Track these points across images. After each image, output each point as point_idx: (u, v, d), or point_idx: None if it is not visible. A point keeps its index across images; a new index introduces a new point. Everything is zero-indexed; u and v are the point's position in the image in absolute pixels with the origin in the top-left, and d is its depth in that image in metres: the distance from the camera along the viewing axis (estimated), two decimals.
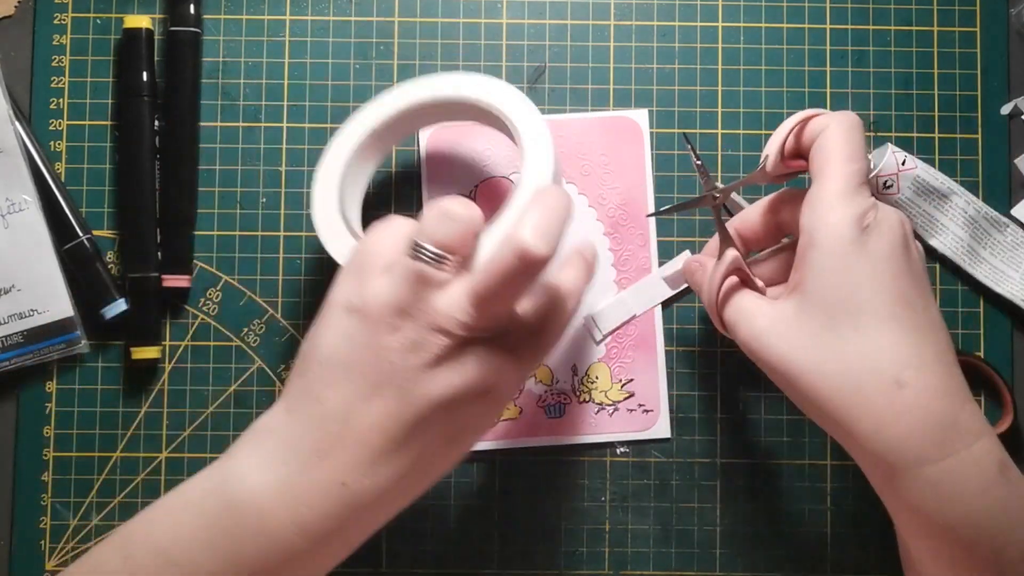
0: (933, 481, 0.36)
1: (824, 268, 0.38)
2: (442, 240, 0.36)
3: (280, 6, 0.51)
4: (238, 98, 0.51)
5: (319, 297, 0.51)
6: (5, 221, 0.48)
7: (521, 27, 0.51)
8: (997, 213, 0.50)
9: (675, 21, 0.52)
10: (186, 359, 0.50)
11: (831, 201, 0.38)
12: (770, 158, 0.41)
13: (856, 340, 0.37)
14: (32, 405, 0.49)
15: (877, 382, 0.36)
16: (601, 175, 0.50)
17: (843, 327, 0.37)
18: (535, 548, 0.50)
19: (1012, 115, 0.51)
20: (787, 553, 0.50)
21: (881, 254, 0.37)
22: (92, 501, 0.49)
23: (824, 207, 0.38)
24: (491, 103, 0.44)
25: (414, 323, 0.36)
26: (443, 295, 0.36)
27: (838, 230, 0.37)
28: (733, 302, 0.41)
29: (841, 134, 0.39)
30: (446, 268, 0.36)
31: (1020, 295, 0.50)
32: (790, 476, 0.50)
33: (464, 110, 0.46)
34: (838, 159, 0.38)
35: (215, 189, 0.50)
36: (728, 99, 0.51)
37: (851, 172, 0.38)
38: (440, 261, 0.36)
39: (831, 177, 0.38)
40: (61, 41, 0.51)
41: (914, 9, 0.52)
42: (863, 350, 0.37)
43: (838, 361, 0.37)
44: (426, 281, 0.36)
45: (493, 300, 0.36)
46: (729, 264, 0.42)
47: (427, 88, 0.46)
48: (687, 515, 0.50)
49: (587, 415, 0.50)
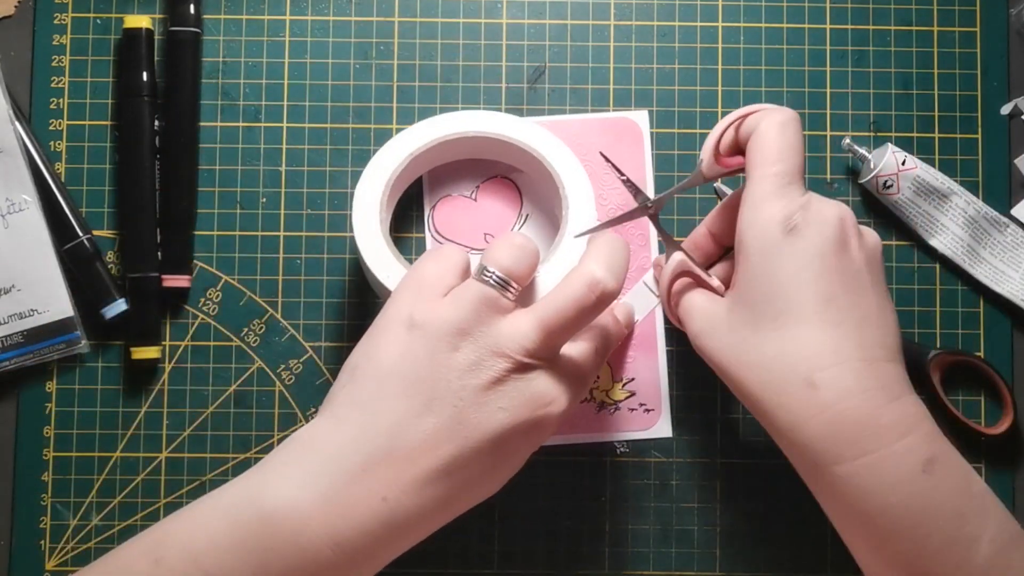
0: (849, 477, 0.36)
1: (750, 268, 0.39)
2: (509, 267, 0.38)
3: (280, 6, 0.51)
4: (238, 98, 0.51)
5: (319, 297, 0.51)
6: (5, 221, 0.48)
7: (521, 27, 0.51)
8: (997, 213, 0.50)
9: (675, 21, 0.52)
10: (186, 359, 0.50)
11: (757, 202, 0.39)
12: (704, 160, 0.42)
13: (775, 339, 0.38)
14: (32, 405, 0.49)
15: (792, 381, 0.37)
16: (601, 175, 0.50)
17: (765, 326, 0.38)
18: (535, 548, 0.50)
19: (1012, 115, 0.51)
20: (787, 553, 0.50)
21: (805, 254, 0.38)
22: (92, 501, 0.49)
23: (751, 209, 0.39)
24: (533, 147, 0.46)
25: (475, 344, 0.36)
26: (506, 320, 0.37)
27: (763, 231, 0.38)
28: (683, 301, 0.43)
29: (771, 133, 0.39)
30: (509, 295, 0.38)
31: (1020, 295, 0.50)
32: (790, 476, 0.50)
33: (499, 148, 0.47)
34: (766, 159, 0.39)
35: (215, 189, 0.50)
36: (728, 99, 0.51)
37: (778, 172, 0.39)
38: (506, 287, 0.38)
39: (760, 178, 0.39)
40: (61, 41, 0.51)
41: (914, 9, 0.52)
42: (781, 349, 0.37)
43: (759, 358, 0.38)
44: (491, 305, 0.37)
45: (559, 329, 0.37)
46: (676, 266, 0.43)
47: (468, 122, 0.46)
48: (687, 515, 0.50)
49: (588, 414, 0.50)
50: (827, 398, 0.37)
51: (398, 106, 0.51)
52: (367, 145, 0.51)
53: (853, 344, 0.37)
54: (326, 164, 0.51)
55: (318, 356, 0.50)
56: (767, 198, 0.39)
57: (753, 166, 0.40)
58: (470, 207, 0.51)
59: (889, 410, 0.37)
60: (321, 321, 0.50)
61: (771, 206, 0.38)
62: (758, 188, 0.39)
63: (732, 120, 0.42)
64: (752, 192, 0.39)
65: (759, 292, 0.38)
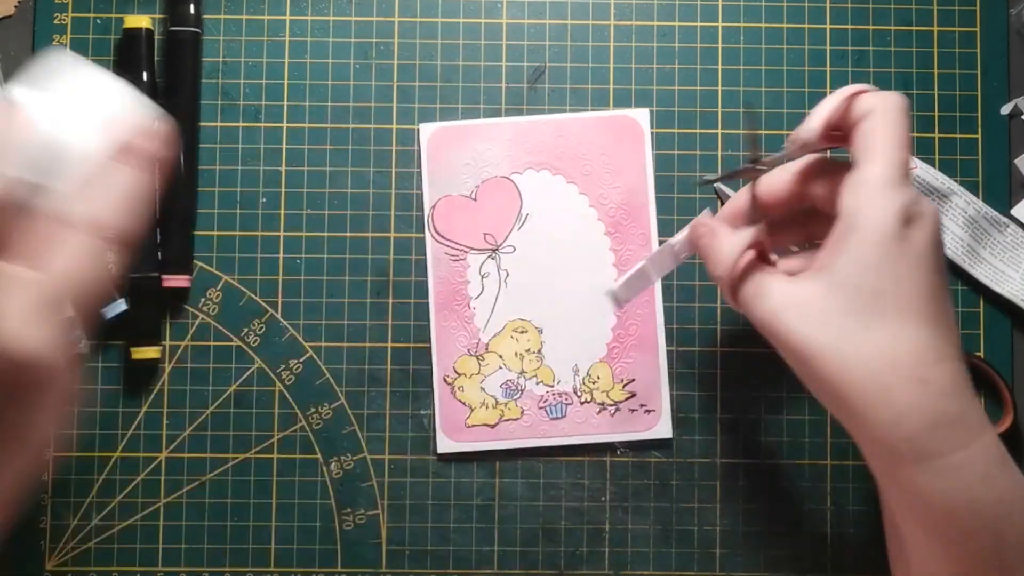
0: (941, 472, 0.36)
1: (862, 257, 0.37)
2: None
3: (280, 6, 0.51)
4: (238, 98, 0.51)
5: (319, 297, 0.51)
6: None
7: (521, 27, 0.51)
8: (997, 213, 0.50)
9: (675, 21, 0.52)
10: (186, 359, 0.50)
11: (878, 188, 0.37)
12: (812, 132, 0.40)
13: (882, 332, 0.37)
14: None
15: (899, 376, 0.36)
16: (602, 175, 0.50)
17: (871, 317, 0.37)
18: (535, 548, 0.50)
19: (1012, 115, 0.51)
20: (787, 553, 0.50)
21: (921, 249, 0.37)
22: (92, 501, 0.49)
23: (870, 194, 0.37)
24: None
25: None
26: None
27: (882, 220, 0.37)
28: (752, 276, 0.40)
29: (897, 116, 0.38)
30: None
31: (1020, 295, 0.50)
32: (790, 476, 0.50)
33: None
34: (886, 145, 0.37)
35: (215, 189, 0.50)
36: (728, 99, 0.51)
37: (899, 160, 0.37)
38: None
39: (878, 163, 0.37)
40: (61, 41, 0.51)
41: (914, 9, 0.52)
42: (888, 342, 0.37)
43: (861, 350, 0.37)
44: None
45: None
46: (754, 235, 0.40)
47: None
48: (687, 515, 0.50)
49: (589, 415, 0.50)
50: (934, 394, 0.36)
51: (398, 106, 0.51)
52: (367, 145, 0.51)
53: (948, 342, 0.37)
54: (326, 164, 0.51)
55: (318, 356, 0.50)
56: (891, 185, 0.37)
57: (871, 148, 0.38)
58: (470, 207, 0.51)
59: (973, 406, 0.37)
60: (321, 321, 0.50)
61: (894, 194, 0.37)
62: (878, 172, 0.37)
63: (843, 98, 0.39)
64: (870, 176, 0.37)
65: (868, 282, 0.37)
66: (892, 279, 0.37)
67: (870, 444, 0.38)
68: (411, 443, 0.50)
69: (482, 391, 0.50)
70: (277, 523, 0.49)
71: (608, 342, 0.50)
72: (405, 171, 0.51)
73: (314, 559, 0.49)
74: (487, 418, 0.50)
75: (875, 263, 0.37)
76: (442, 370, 0.50)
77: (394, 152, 0.51)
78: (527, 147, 0.51)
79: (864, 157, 0.38)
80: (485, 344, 0.50)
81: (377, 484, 0.50)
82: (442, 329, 0.50)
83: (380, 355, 0.50)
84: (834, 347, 0.37)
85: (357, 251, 0.50)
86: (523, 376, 0.50)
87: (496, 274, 0.50)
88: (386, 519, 0.49)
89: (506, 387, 0.50)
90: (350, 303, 0.50)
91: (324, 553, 0.49)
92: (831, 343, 0.37)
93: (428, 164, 0.51)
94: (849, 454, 0.50)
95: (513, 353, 0.50)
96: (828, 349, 0.37)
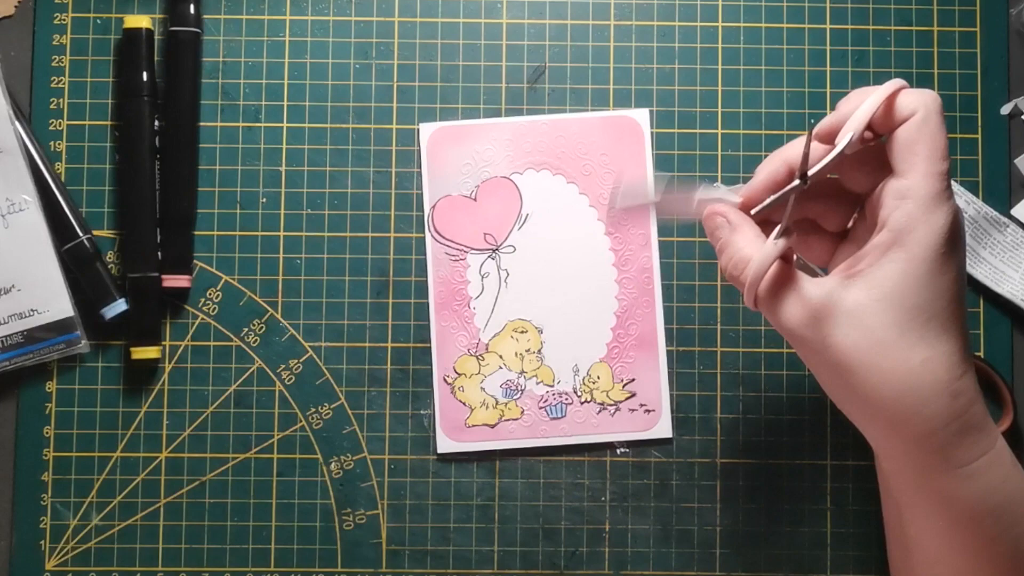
0: (968, 477, 0.37)
1: (911, 271, 0.36)
2: None
3: (280, 6, 0.51)
4: (238, 98, 0.51)
5: (319, 297, 0.51)
6: (5, 221, 0.48)
7: (521, 27, 0.51)
8: (997, 213, 0.50)
9: (675, 21, 0.52)
10: (186, 359, 0.50)
11: (924, 204, 0.36)
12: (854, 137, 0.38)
13: (922, 345, 0.36)
14: (32, 405, 0.49)
15: (934, 390, 0.36)
16: (602, 175, 0.50)
17: (913, 331, 0.36)
18: (535, 548, 0.50)
19: (1012, 115, 0.51)
20: (787, 553, 0.50)
21: (960, 264, 0.37)
22: (92, 501, 0.49)
23: (918, 210, 0.36)
24: None
25: None
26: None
27: (931, 240, 0.36)
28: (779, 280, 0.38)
29: (932, 123, 0.37)
30: None
31: (1020, 295, 0.50)
32: (790, 476, 0.50)
33: None
34: (937, 154, 0.36)
35: (215, 189, 0.50)
36: (728, 99, 0.51)
37: (943, 171, 0.36)
38: None
39: (926, 175, 0.36)
40: (61, 41, 0.51)
41: (914, 9, 0.52)
42: (927, 355, 0.36)
43: (902, 364, 0.36)
44: None
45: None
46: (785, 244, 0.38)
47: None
48: (687, 515, 0.50)
49: (589, 415, 0.50)
50: (963, 404, 0.36)
51: (398, 106, 0.51)
52: (367, 145, 0.51)
53: (968, 351, 0.38)
54: (326, 164, 0.51)
55: (318, 356, 0.50)
56: (940, 200, 0.36)
57: (916, 157, 0.37)
58: (470, 207, 0.51)
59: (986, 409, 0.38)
60: (321, 321, 0.50)
61: (943, 209, 0.36)
62: (930, 186, 0.36)
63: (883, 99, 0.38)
64: (919, 189, 0.36)
65: (914, 298, 0.36)
66: (934, 294, 0.36)
67: (900, 456, 0.38)
68: (411, 443, 0.50)
69: (482, 391, 0.50)
70: (277, 523, 0.49)
71: (608, 342, 0.50)
72: (405, 171, 0.51)
73: (314, 559, 0.49)
74: (487, 418, 0.50)
75: (924, 281, 0.36)
76: (442, 370, 0.50)
77: (394, 152, 0.51)
78: (527, 147, 0.51)
79: (907, 165, 0.37)
80: (485, 344, 0.50)
81: (377, 484, 0.50)
82: (442, 329, 0.50)
83: (380, 355, 0.50)
84: (876, 361, 0.36)
85: (357, 251, 0.50)
86: (523, 376, 0.50)
87: (496, 274, 0.50)
88: (386, 519, 0.49)
89: (506, 387, 0.50)
90: (350, 303, 0.50)
91: (324, 553, 0.49)
92: (874, 355, 0.36)
93: (428, 164, 0.51)
94: (849, 454, 0.50)
95: (513, 353, 0.50)
96: (870, 362, 0.36)
